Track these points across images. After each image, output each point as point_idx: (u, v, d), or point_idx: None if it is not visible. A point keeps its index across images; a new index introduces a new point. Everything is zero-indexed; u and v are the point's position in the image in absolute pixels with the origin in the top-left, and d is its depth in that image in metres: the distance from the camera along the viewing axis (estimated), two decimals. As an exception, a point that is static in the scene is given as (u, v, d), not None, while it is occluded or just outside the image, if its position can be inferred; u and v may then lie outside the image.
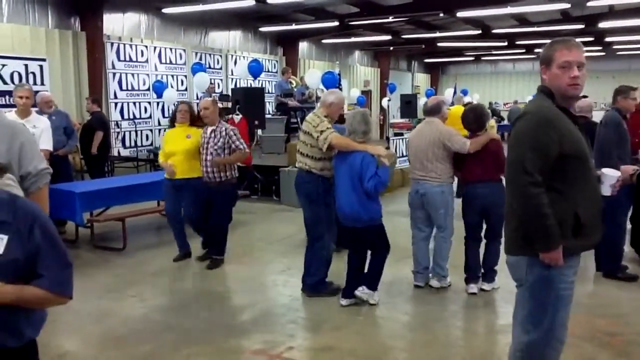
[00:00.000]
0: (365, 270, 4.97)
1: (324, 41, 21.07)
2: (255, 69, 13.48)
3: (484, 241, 5.32)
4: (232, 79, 16.96)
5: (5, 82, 10.47)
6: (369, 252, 5.01)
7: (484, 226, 5.32)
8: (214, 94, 13.65)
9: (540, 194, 2.56)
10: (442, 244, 5.34)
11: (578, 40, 2.70)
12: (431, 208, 5.25)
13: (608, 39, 20.64)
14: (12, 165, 2.80)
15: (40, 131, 5.76)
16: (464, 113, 5.47)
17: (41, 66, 10.99)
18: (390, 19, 16.70)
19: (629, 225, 5.96)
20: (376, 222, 4.80)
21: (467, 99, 19.56)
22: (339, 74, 11.26)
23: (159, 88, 14.13)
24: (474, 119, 5.23)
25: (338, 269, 5.36)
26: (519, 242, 2.70)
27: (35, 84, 10.70)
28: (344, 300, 4.96)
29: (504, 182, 3.03)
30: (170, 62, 15.13)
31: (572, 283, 2.71)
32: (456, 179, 5.50)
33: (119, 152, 13.53)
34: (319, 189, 5.03)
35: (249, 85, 13.97)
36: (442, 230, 5.32)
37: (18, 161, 2.91)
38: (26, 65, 10.73)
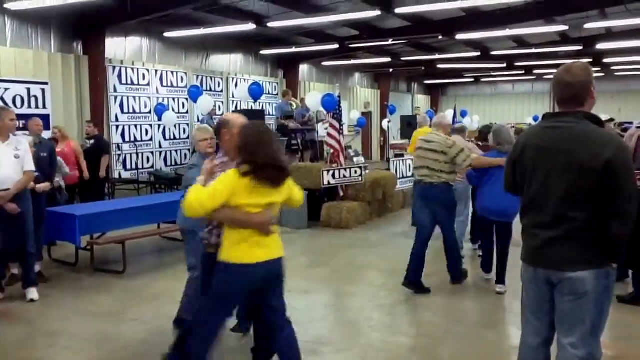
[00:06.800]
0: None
1: (324, 64, 21.22)
2: (255, 92, 13.57)
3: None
4: (233, 101, 17.06)
5: (7, 106, 10.52)
6: None
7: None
8: (215, 117, 13.75)
9: None
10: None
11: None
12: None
13: (606, 60, 20.78)
14: None
15: (24, 153, 5.67)
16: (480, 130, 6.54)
17: (43, 90, 11.02)
18: (390, 42, 16.83)
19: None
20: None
21: (466, 120, 19.67)
22: (339, 96, 11.28)
23: (160, 111, 14.19)
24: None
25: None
26: (590, 258, 2.73)
27: (37, 107, 10.75)
28: (500, 287, 5.84)
29: None
30: (172, 85, 15.23)
31: None
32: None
33: (120, 175, 13.55)
34: (453, 196, 6.05)
35: (249, 108, 14.05)
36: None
37: None
38: (28, 89, 10.78)
